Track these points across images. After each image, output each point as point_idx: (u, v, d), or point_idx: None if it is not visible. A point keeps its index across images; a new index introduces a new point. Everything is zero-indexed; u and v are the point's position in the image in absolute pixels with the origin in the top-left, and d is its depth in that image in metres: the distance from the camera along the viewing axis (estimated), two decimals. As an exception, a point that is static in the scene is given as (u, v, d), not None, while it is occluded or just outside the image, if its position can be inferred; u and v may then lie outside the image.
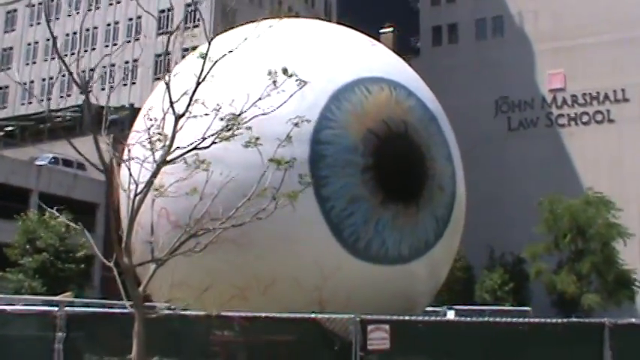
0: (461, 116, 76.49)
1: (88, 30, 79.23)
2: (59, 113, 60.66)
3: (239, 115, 14.90)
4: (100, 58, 74.77)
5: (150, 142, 14.53)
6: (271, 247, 20.31)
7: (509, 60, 77.43)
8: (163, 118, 15.15)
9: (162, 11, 74.58)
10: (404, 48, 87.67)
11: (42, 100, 72.34)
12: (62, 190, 51.93)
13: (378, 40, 77.53)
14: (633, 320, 16.86)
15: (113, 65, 75.58)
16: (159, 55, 70.57)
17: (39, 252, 38.77)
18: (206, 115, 14.56)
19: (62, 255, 38.96)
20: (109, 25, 78.93)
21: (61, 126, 56.49)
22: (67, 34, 77.40)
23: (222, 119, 15.30)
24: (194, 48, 22.28)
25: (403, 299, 22.24)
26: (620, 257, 50.39)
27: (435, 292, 25.29)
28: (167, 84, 14.46)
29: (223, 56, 15.11)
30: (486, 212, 71.42)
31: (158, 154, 14.50)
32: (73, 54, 77.69)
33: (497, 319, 18.08)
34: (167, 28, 71.39)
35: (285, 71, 14.78)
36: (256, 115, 14.65)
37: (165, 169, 19.48)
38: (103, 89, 76.95)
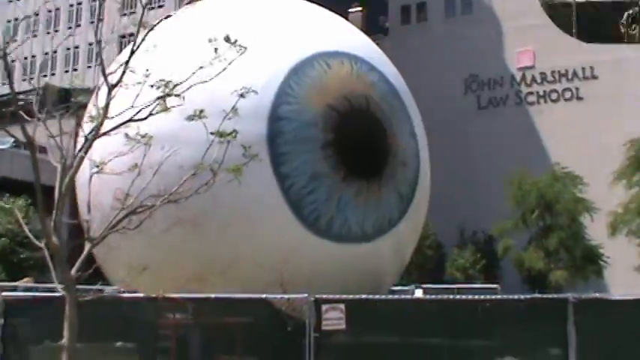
0: (431, 95, 75.91)
1: (50, 11, 77.84)
2: (21, 96, 59.25)
3: (171, 83, 13.66)
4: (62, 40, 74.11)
5: (90, 117, 13.65)
6: (229, 227, 19.68)
7: (478, 38, 76.44)
8: (98, 90, 14.42)
9: None
10: (373, 27, 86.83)
11: (3, 84, 70.94)
12: (24, 174, 50.55)
13: (347, 19, 76.73)
14: (597, 295, 16.34)
15: (77, 47, 74.46)
16: (123, 37, 69.33)
17: (-1, 237, 37.86)
18: (138, 83, 13.53)
19: (22, 240, 37.90)
20: (71, 5, 77.47)
21: (24, 109, 54.88)
22: (30, 16, 76.17)
23: (156, 87, 13.95)
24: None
25: (368, 278, 21.64)
26: (587, 233, 50.16)
27: (401, 271, 24.72)
28: (100, 54, 13.61)
29: (155, 25, 13.90)
30: (457, 190, 70.82)
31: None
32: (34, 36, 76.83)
33: (458, 297, 17.38)
34: (131, 8, 70.49)
35: (227, 39, 13.57)
36: (192, 85, 13.46)
37: (120, 148, 18.75)
38: (67, 71, 76.19)
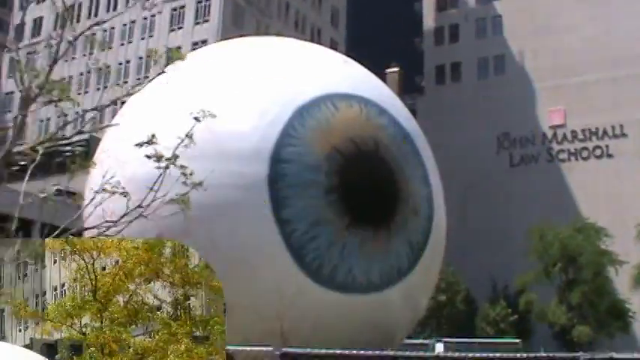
0: (464, 152, 74.49)
1: (105, 31, 78.11)
2: (68, 147, 58.45)
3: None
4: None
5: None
6: (227, 272, 17.59)
7: (510, 97, 74.99)
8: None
9: (175, 9, 73.92)
10: (409, 87, 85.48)
11: (56, 133, 70.29)
12: (64, 221, 49.29)
13: (384, 79, 75.58)
14: (614, 354, 13.84)
15: (128, 62, 74.37)
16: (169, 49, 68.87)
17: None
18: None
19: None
20: (124, 25, 77.18)
21: (69, 160, 54.03)
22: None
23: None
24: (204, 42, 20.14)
25: (377, 330, 19.43)
26: (612, 287, 47.42)
27: (414, 323, 22.37)
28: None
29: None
30: (490, 246, 68.79)
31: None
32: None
33: (457, 355, 15.14)
34: (179, 23, 70.69)
35: (196, 118, 13.86)
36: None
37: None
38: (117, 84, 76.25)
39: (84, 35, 16.55)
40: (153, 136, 12.27)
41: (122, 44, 76.52)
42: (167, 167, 12.34)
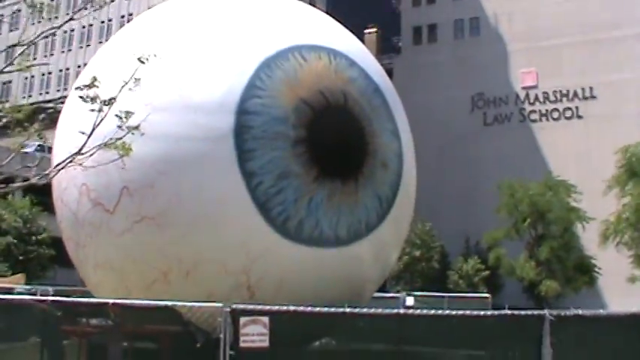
0: (439, 112, 73.85)
1: (84, 27, 76.37)
2: (50, 104, 57.17)
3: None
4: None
5: None
6: (193, 226, 16.77)
7: (484, 59, 74.26)
8: None
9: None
10: (387, 47, 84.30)
11: (40, 94, 69.35)
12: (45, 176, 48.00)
13: (363, 39, 74.27)
14: (580, 312, 12.93)
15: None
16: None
17: (3, 234, 35.23)
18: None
19: (26, 237, 35.46)
20: (102, 22, 75.52)
21: (53, 117, 52.86)
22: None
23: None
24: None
25: (345, 285, 18.54)
26: (580, 243, 47.02)
27: (383, 277, 21.53)
28: None
29: None
30: (463, 203, 68.61)
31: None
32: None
33: (412, 312, 14.33)
34: None
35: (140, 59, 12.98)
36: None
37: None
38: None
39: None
40: (94, 79, 11.24)
41: (100, 42, 74.78)
42: (100, 110, 11.31)
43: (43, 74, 76.67)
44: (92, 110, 11.98)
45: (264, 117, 16.79)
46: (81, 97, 11.95)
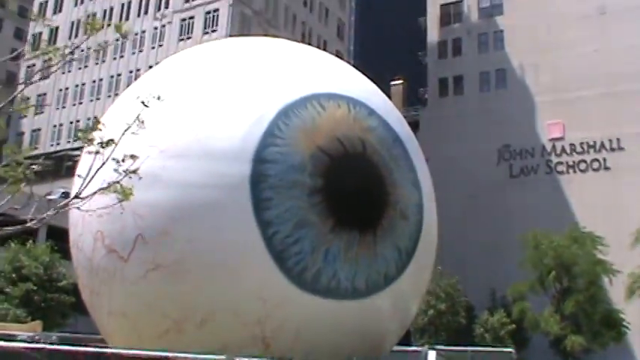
0: (465, 164, 73.50)
1: (117, 40, 77.28)
2: (77, 152, 57.69)
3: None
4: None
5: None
6: (207, 276, 16.42)
7: (511, 110, 74.05)
8: None
9: (184, 20, 73.20)
10: (413, 99, 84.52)
11: (69, 141, 70.23)
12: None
13: (389, 91, 74.37)
14: None
15: (139, 70, 74.06)
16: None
17: (24, 280, 35.11)
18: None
19: (46, 284, 35.32)
20: (136, 34, 76.81)
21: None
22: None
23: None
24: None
25: (364, 337, 18.09)
26: (607, 297, 45.92)
27: (403, 329, 20.89)
28: None
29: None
30: (489, 256, 67.78)
31: None
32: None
33: None
34: (188, 33, 69.97)
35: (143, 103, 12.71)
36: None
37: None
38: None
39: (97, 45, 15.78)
40: (97, 121, 11.07)
41: (133, 53, 75.79)
42: (97, 152, 11.13)
43: (72, 122, 77.66)
44: (89, 153, 11.81)
45: (281, 165, 16.50)
46: (78, 138, 11.87)
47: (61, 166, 62.84)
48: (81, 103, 78.22)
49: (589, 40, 71.17)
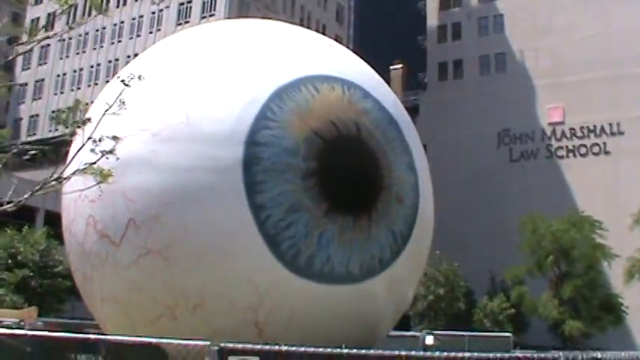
0: (465, 148, 73.12)
1: (115, 24, 76.99)
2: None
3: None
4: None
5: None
6: (199, 260, 16.19)
7: (511, 94, 73.48)
8: None
9: (182, 4, 72.89)
10: (412, 83, 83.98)
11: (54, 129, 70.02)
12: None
13: (389, 75, 73.94)
14: (598, 354, 12.00)
15: (136, 55, 73.83)
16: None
17: (20, 267, 34.88)
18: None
19: (42, 270, 35.11)
20: (133, 19, 76.80)
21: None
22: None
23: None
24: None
25: (358, 322, 17.87)
26: (606, 281, 45.61)
27: (399, 314, 20.68)
28: None
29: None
30: (489, 240, 67.42)
31: None
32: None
33: (415, 353, 13.52)
34: (186, 18, 69.57)
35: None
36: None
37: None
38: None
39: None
40: (77, 101, 10.77)
41: (131, 38, 75.33)
42: (73, 134, 10.98)
43: (69, 107, 76.86)
44: (65, 135, 11.61)
45: (275, 148, 16.25)
46: (53, 118, 11.69)
47: (59, 151, 62.24)
48: (79, 89, 77.64)
49: (589, 24, 70.55)
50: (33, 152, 69.72)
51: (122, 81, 12.69)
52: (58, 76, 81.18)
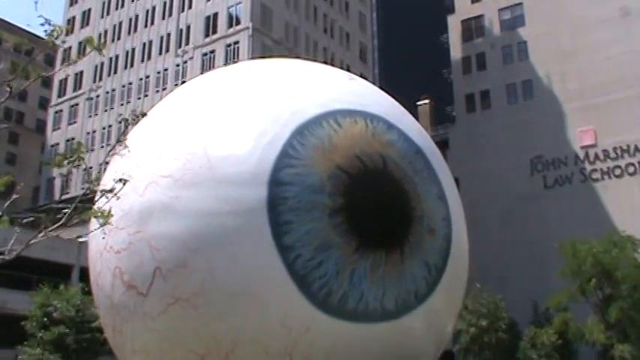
0: (498, 177, 72.31)
1: (141, 79, 78.10)
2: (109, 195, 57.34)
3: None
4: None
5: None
6: (228, 306, 15.75)
7: (540, 120, 72.72)
8: None
9: (205, 54, 73.72)
10: (440, 117, 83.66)
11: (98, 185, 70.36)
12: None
13: (416, 111, 73.59)
14: None
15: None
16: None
17: (55, 324, 34.65)
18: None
19: (79, 326, 34.86)
20: (158, 72, 78.09)
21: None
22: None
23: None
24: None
25: (398, 360, 17.26)
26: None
27: (439, 349, 19.98)
28: None
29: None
30: (529, 269, 66.29)
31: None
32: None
33: None
34: (210, 67, 70.11)
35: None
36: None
37: (116, 223, 15.84)
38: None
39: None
40: (79, 144, 10.64)
41: (157, 91, 76.01)
42: (69, 173, 10.48)
43: (100, 164, 77.68)
44: (61, 175, 11.28)
45: (299, 187, 15.85)
46: (47, 164, 11.41)
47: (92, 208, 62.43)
48: (109, 144, 78.69)
49: (614, 43, 69.87)
50: (65, 211, 70.18)
51: (125, 119, 12.57)
52: (88, 133, 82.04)
